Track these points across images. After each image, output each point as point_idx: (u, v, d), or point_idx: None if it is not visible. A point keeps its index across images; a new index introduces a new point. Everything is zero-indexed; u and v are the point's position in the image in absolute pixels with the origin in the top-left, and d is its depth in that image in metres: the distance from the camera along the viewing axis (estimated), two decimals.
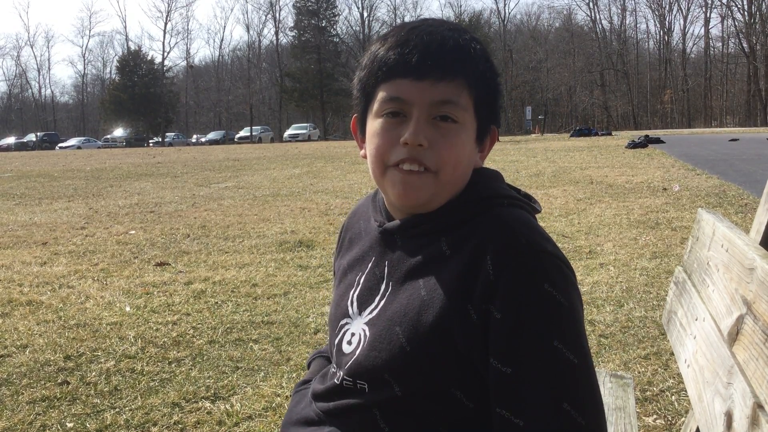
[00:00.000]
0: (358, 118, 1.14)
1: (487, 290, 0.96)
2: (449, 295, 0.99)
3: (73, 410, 2.77)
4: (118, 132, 65.42)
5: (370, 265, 1.14)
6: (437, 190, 1.05)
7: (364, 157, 1.13)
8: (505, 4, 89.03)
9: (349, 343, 1.11)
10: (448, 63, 1.02)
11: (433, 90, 1.02)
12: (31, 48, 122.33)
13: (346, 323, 1.14)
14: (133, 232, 7.28)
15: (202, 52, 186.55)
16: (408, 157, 1.03)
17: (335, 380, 1.12)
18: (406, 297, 1.05)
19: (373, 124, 1.07)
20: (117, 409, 2.77)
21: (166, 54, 76.12)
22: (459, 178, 1.07)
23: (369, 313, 1.10)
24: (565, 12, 77.59)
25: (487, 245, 0.99)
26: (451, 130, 1.03)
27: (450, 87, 1.02)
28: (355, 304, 1.13)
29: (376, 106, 1.07)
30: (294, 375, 3.09)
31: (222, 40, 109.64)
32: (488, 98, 1.08)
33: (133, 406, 2.79)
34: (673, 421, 2.59)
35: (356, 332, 1.10)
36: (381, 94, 1.05)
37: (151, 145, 61.39)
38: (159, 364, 3.27)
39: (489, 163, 1.14)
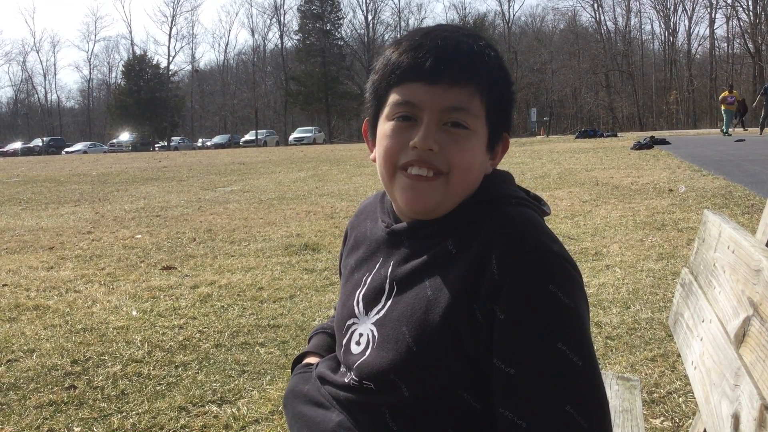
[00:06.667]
0: (370, 122, 1.14)
1: (492, 290, 0.95)
2: (455, 294, 0.99)
3: (80, 414, 2.77)
4: (124, 136, 65.65)
5: (377, 265, 1.14)
6: (446, 196, 1.04)
7: (374, 160, 1.12)
8: (509, 6, 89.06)
9: (358, 343, 1.10)
10: (462, 68, 1.01)
11: (445, 95, 1.01)
12: (37, 53, 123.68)
13: (353, 323, 1.13)
14: (139, 236, 7.30)
15: (207, 56, 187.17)
16: (417, 159, 1.02)
17: (344, 379, 1.12)
18: (412, 297, 1.04)
19: (384, 127, 1.06)
20: (124, 414, 2.77)
21: (171, 58, 76.74)
22: (468, 184, 1.06)
23: (376, 314, 1.09)
24: (569, 13, 77.46)
25: (493, 245, 0.98)
26: (461, 136, 1.02)
27: (462, 93, 1.01)
28: (361, 304, 1.13)
29: (387, 109, 1.06)
30: None
31: (227, 44, 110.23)
32: (501, 106, 1.07)
33: (139, 411, 2.79)
34: (681, 423, 2.58)
35: (364, 333, 1.10)
36: (393, 98, 1.05)
37: (156, 149, 61.63)
38: (165, 368, 3.28)
39: None
